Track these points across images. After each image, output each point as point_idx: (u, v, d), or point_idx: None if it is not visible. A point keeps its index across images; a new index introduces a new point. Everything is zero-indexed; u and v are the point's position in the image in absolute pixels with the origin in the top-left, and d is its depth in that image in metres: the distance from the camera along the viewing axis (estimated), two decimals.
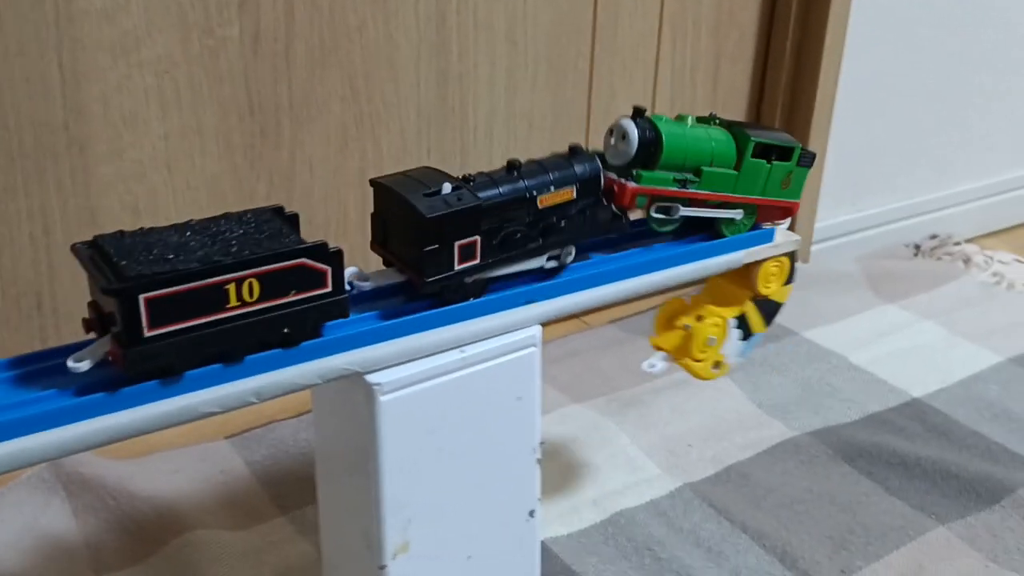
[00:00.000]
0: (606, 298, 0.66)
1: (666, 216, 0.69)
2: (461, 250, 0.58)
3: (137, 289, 0.47)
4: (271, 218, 0.55)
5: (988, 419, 1.00)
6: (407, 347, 0.58)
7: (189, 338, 0.49)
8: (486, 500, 0.65)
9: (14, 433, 0.47)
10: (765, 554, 0.80)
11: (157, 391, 0.50)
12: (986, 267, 1.34)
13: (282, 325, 0.53)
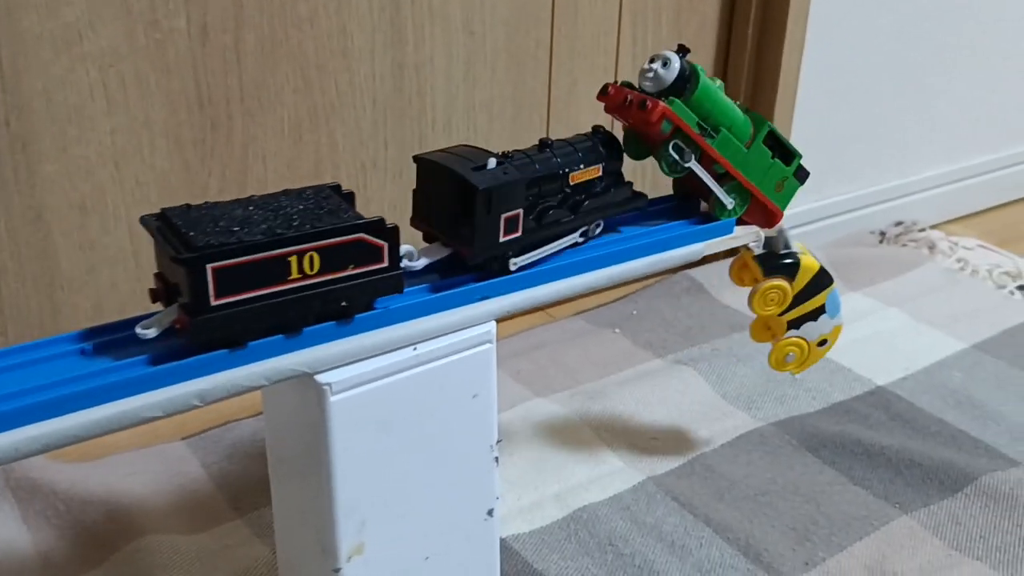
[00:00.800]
0: (561, 293, 0.65)
1: (679, 158, 0.68)
2: (507, 223, 0.61)
3: (205, 259, 0.49)
4: (329, 195, 0.57)
5: (952, 406, 1.00)
6: (357, 346, 0.57)
7: (252, 309, 0.52)
8: (443, 500, 0.64)
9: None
10: (728, 547, 0.80)
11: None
12: (951, 253, 1.34)
13: (340, 298, 0.55)
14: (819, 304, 0.84)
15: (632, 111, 0.68)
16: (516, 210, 0.61)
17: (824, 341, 0.85)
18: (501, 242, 0.61)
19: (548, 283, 0.64)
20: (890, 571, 0.78)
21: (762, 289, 0.80)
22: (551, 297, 0.65)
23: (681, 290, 1.22)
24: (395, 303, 0.58)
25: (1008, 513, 0.84)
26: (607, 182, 0.67)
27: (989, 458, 0.91)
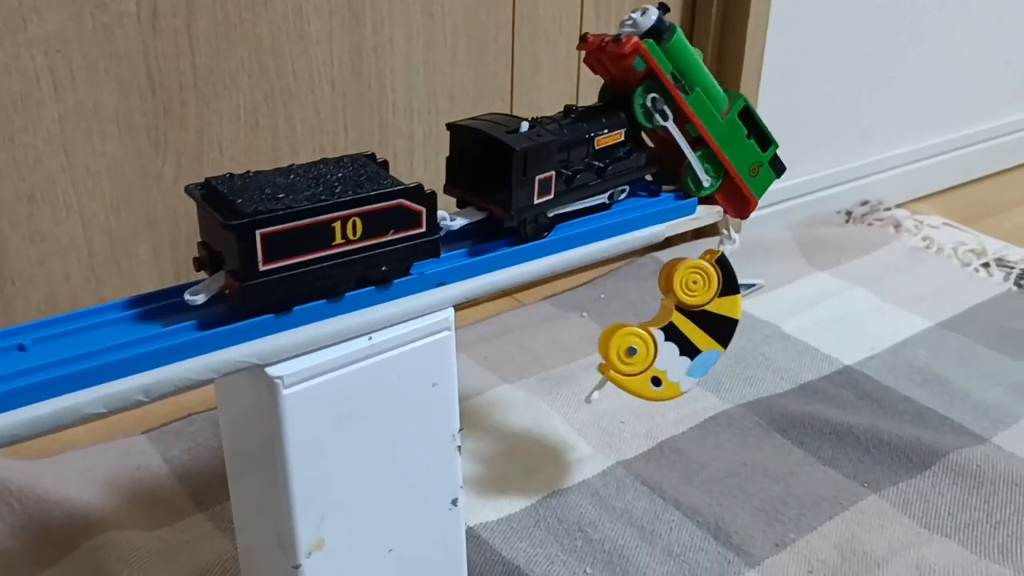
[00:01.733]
0: (520, 277, 0.64)
1: (651, 106, 0.67)
2: (540, 185, 0.62)
3: (255, 225, 0.50)
4: (366, 162, 0.58)
5: (918, 384, 1.00)
6: (310, 336, 0.55)
7: (297, 274, 0.53)
8: (405, 491, 0.62)
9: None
10: (698, 530, 0.79)
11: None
12: (916, 232, 1.34)
13: (380, 263, 0.56)
14: (699, 344, 0.76)
15: (606, 49, 0.66)
16: (549, 172, 0.62)
17: (658, 382, 0.75)
18: (535, 204, 0.62)
19: (506, 268, 0.63)
20: (860, 550, 0.78)
21: (696, 265, 0.74)
22: (509, 282, 0.63)
23: (648, 272, 1.21)
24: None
25: (975, 490, 0.84)
26: (629, 147, 0.68)
27: (956, 435, 0.91)
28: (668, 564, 0.75)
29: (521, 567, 0.74)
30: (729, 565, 0.75)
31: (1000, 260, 1.26)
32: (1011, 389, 0.99)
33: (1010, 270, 1.24)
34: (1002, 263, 1.25)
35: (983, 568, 0.76)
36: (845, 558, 0.77)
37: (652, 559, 0.76)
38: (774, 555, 0.77)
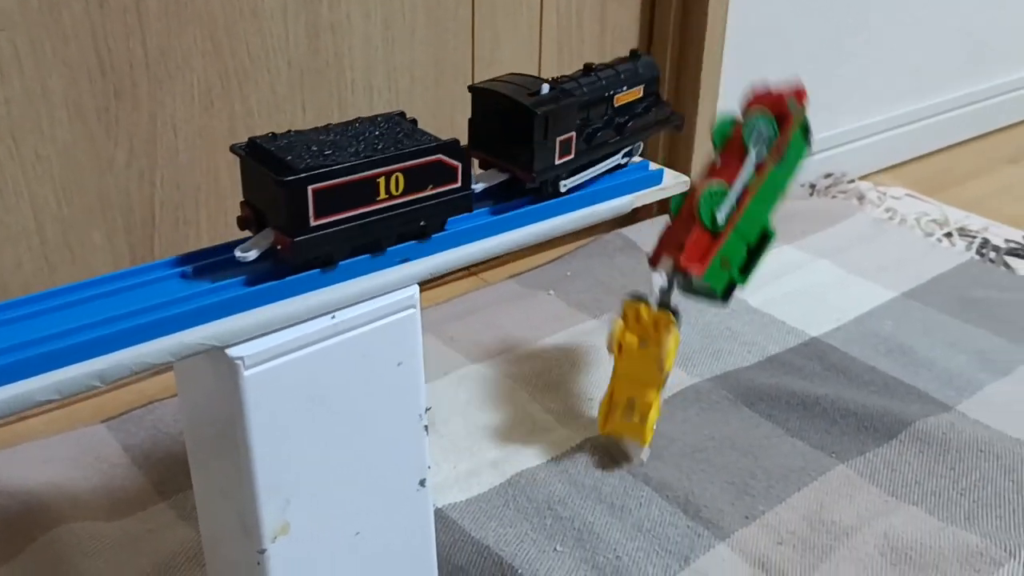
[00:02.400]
0: (486, 252, 0.63)
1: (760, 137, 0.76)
2: (561, 146, 0.63)
3: (307, 180, 0.51)
4: (400, 120, 0.59)
5: (883, 354, 1.00)
6: (270, 316, 0.54)
7: (345, 229, 0.54)
8: (372, 473, 0.61)
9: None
10: (668, 505, 0.79)
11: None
12: (879, 203, 1.35)
13: (420, 218, 0.58)
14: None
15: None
16: (569, 133, 0.63)
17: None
18: (557, 164, 0.63)
19: (472, 243, 0.62)
20: (828, 520, 0.78)
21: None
22: (475, 257, 0.62)
23: (615, 249, 1.20)
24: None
25: (941, 457, 0.85)
26: (647, 103, 0.70)
27: (921, 404, 0.92)
28: (638, 539, 0.75)
29: (491, 547, 0.73)
30: (699, 538, 0.75)
31: (962, 230, 1.27)
32: (974, 357, 1.00)
33: (972, 239, 1.25)
34: (964, 232, 1.26)
35: (950, 534, 0.76)
36: (814, 528, 0.77)
37: (622, 535, 0.75)
38: (744, 527, 0.77)
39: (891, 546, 0.75)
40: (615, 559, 0.73)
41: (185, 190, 0.92)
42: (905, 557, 0.74)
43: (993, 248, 1.22)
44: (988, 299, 1.11)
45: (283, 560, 0.58)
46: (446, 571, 0.71)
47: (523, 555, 0.72)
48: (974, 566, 0.73)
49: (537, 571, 0.71)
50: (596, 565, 0.72)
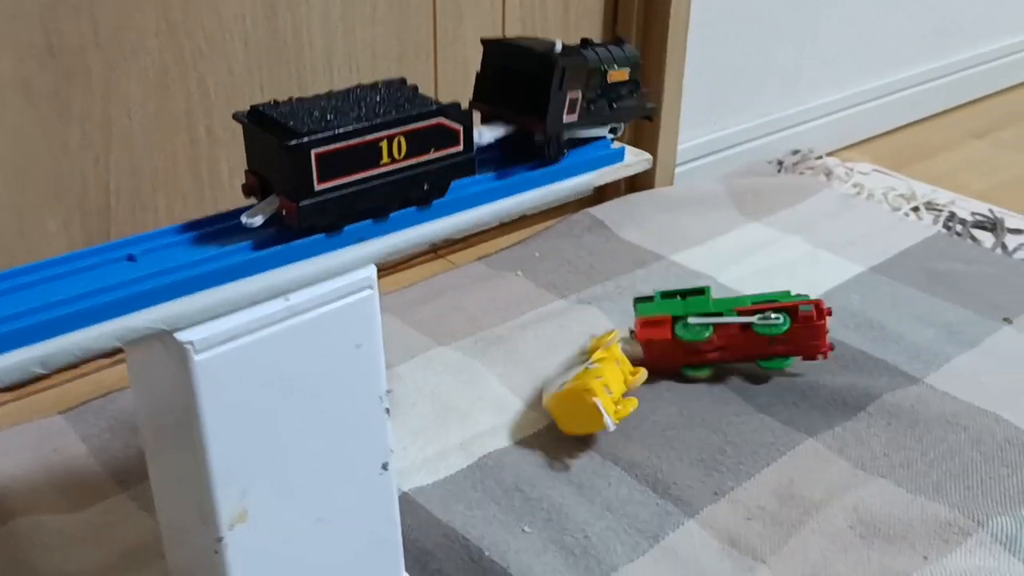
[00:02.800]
0: (446, 230, 0.62)
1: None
2: (570, 103, 0.64)
3: (310, 145, 0.52)
4: (400, 86, 0.60)
5: (851, 328, 1.00)
6: (221, 299, 0.52)
7: (348, 194, 0.55)
8: (332, 457, 0.60)
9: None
10: (637, 484, 0.78)
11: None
12: (847, 179, 1.35)
13: (423, 182, 0.58)
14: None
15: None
16: (577, 91, 0.64)
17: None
18: (564, 122, 0.64)
19: (431, 221, 0.61)
20: (798, 495, 0.78)
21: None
22: (435, 235, 0.61)
23: (582, 229, 1.19)
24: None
25: (910, 430, 0.85)
26: (631, 87, 0.70)
27: (890, 377, 0.92)
28: (607, 519, 0.74)
29: (457, 530, 0.72)
30: (668, 516, 0.75)
31: (929, 204, 1.27)
32: (942, 330, 1.00)
33: (939, 213, 1.25)
34: (931, 206, 1.27)
35: (919, 506, 0.76)
36: (783, 503, 0.77)
37: (591, 515, 0.75)
38: (713, 504, 0.76)
39: (860, 519, 0.75)
40: (584, 539, 0.72)
41: (142, 175, 0.90)
42: (874, 529, 0.74)
43: (960, 221, 1.23)
44: (955, 272, 1.11)
45: (242, 548, 0.57)
46: (412, 555, 0.70)
47: (491, 537, 0.72)
48: (943, 536, 0.73)
49: (505, 552, 0.70)
50: (564, 545, 0.72)
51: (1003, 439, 0.84)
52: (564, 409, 0.81)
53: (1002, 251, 1.16)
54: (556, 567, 0.70)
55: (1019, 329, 1.00)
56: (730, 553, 0.72)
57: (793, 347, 0.90)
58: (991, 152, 1.51)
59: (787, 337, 0.89)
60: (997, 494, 0.78)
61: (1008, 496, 0.78)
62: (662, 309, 0.92)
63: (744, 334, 0.89)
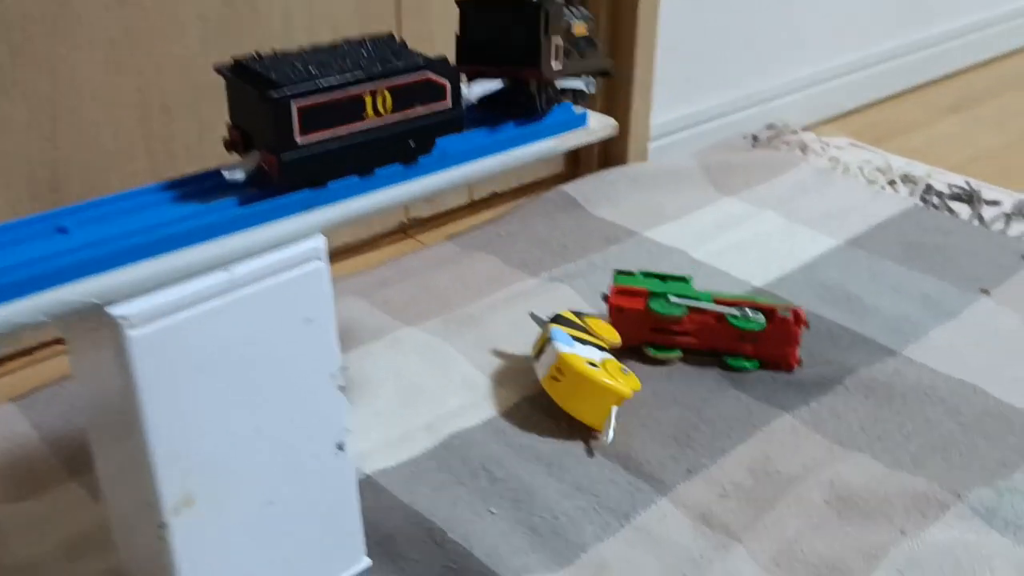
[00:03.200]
0: (399, 197, 0.59)
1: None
2: (556, 50, 0.64)
3: (293, 97, 0.51)
4: (388, 40, 0.59)
5: (828, 302, 0.98)
6: (157, 270, 0.50)
7: (332, 149, 0.54)
8: (283, 438, 0.58)
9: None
10: (608, 461, 0.76)
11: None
12: (823, 153, 1.32)
13: (408, 137, 0.57)
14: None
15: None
16: (559, 37, 0.65)
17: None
18: (554, 69, 0.65)
19: (384, 188, 0.58)
20: (773, 470, 0.76)
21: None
22: (389, 201, 0.58)
23: (554, 207, 1.17)
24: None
25: (887, 403, 0.83)
26: (589, 43, 0.71)
27: (867, 350, 0.90)
28: (576, 498, 0.72)
29: (421, 512, 0.70)
30: (639, 494, 0.73)
31: (906, 176, 1.25)
32: (920, 302, 0.98)
33: (915, 186, 1.23)
34: (908, 179, 1.25)
35: (897, 480, 0.74)
36: (758, 479, 0.75)
37: (559, 494, 0.72)
38: (686, 481, 0.74)
39: (837, 494, 0.73)
40: (552, 519, 0.70)
41: (92, 153, 0.87)
42: (851, 504, 0.72)
43: (936, 194, 1.21)
44: (932, 244, 1.09)
45: (188, 534, 0.55)
46: (374, 539, 0.67)
47: (455, 519, 0.69)
48: (921, 510, 0.71)
49: (469, 535, 0.68)
50: (532, 526, 0.69)
51: (981, 410, 0.82)
52: (579, 390, 0.78)
53: (979, 222, 1.15)
54: (522, 548, 0.67)
55: (997, 300, 0.99)
56: (703, 531, 0.70)
57: (763, 349, 0.87)
58: (967, 126, 1.50)
59: (759, 337, 0.87)
60: (976, 466, 0.76)
61: (987, 467, 0.76)
62: (641, 284, 0.90)
63: (717, 325, 0.87)
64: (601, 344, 0.83)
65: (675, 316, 0.86)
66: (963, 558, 0.67)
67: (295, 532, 0.60)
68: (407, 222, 1.14)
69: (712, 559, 0.67)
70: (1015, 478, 0.75)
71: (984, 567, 0.66)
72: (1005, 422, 0.81)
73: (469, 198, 1.19)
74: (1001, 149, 1.41)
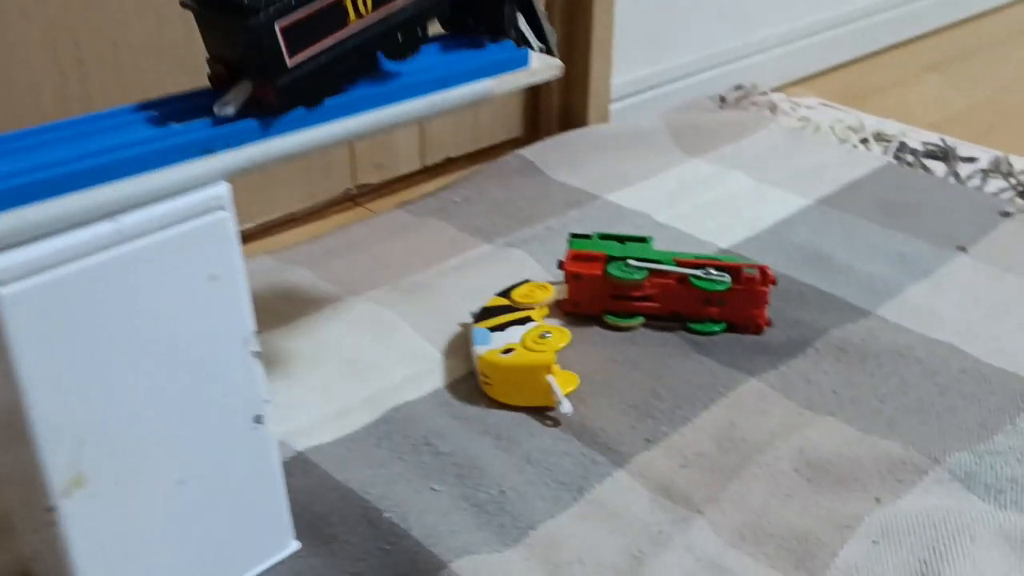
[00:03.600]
0: (316, 140, 0.53)
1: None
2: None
3: (273, 18, 0.49)
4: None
5: (798, 263, 0.93)
6: (31, 219, 0.44)
7: (324, 62, 0.52)
8: (191, 411, 0.52)
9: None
10: (561, 433, 0.71)
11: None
12: (792, 113, 1.27)
13: (396, 33, 0.56)
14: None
15: None
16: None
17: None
18: (517, 25, 0.66)
19: (301, 129, 0.52)
20: (738, 438, 0.70)
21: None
22: (303, 146, 0.53)
23: (512, 171, 1.11)
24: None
25: (860, 365, 0.78)
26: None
27: (838, 311, 0.85)
28: (527, 472, 0.67)
29: (356, 491, 0.64)
30: (595, 466, 0.67)
31: (879, 135, 1.20)
32: (895, 260, 0.93)
33: (888, 144, 1.18)
34: (880, 137, 1.20)
35: (870, 444, 0.69)
36: (723, 448, 0.70)
37: (509, 468, 0.67)
38: (645, 451, 0.69)
39: (807, 461, 0.68)
40: (499, 494, 0.65)
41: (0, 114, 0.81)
42: (822, 471, 0.67)
43: (911, 151, 1.16)
44: (907, 202, 1.04)
45: (81, 518, 0.49)
46: (304, 520, 0.62)
47: (393, 497, 0.64)
48: (896, 475, 0.67)
49: (407, 513, 0.62)
50: (477, 503, 0.64)
51: (959, 370, 0.78)
52: (507, 382, 0.73)
53: (955, 180, 1.10)
54: (465, 527, 0.62)
55: (974, 257, 0.94)
56: (663, 503, 0.65)
57: (729, 311, 0.82)
58: (944, 87, 1.45)
59: (725, 298, 0.81)
60: (953, 428, 0.72)
61: (966, 430, 0.71)
62: (598, 248, 0.84)
63: (679, 287, 0.82)
64: (527, 316, 0.77)
65: (635, 281, 0.81)
66: (942, 525, 0.62)
67: (211, 515, 0.55)
68: (355, 189, 1.08)
69: (672, 533, 0.62)
70: (995, 440, 0.70)
71: (964, 534, 0.61)
72: (984, 383, 0.76)
73: (422, 164, 1.13)
74: (979, 107, 1.36)
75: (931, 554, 0.60)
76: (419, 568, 0.59)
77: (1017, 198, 1.05)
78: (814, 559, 0.61)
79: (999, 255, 0.94)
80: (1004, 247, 0.95)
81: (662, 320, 0.83)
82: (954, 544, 0.61)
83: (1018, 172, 1.10)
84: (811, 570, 0.60)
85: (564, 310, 0.84)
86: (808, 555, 0.61)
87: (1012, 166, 1.11)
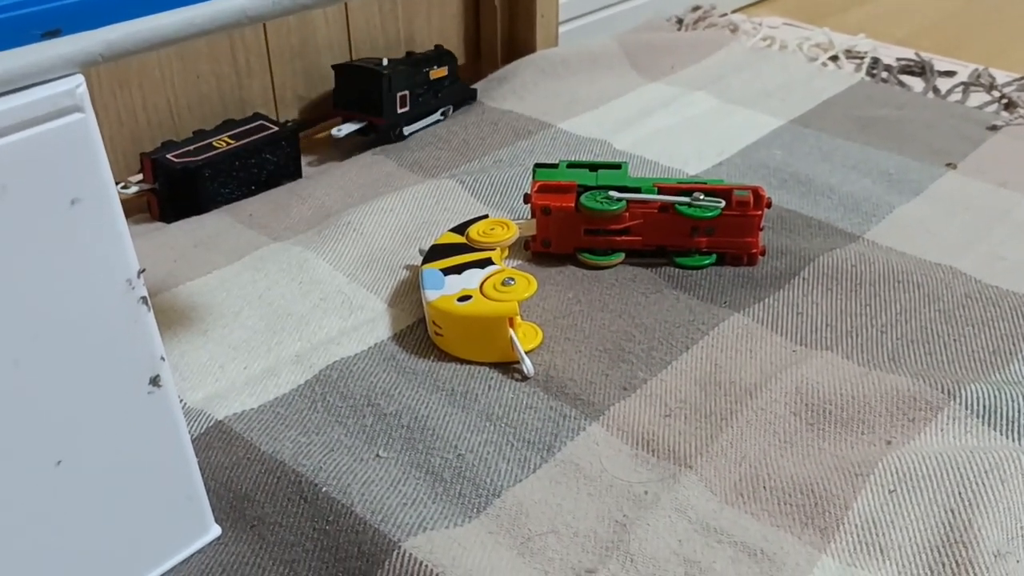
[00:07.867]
0: (191, 22, 0.42)
1: None
2: (400, 100, 0.89)
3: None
4: None
5: (776, 186, 0.84)
6: None
7: None
8: (63, 374, 0.41)
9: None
10: (524, 385, 0.61)
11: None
12: (755, 33, 1.18)
13: None
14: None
15: None
16: (404, 91, 0.90)
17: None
18: (398, 113, 0.91)
19: (172, 9, 0.41)
20: (725, 380, 0.62)
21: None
22: (177, 29, 0.42)
23: None
24: None
25: (854, 293, 0.70)
26: (450, 80, 0.95)
27: (824, 236, 0.76)
28: (487, 431, 0.57)
29: (287, 463, 0.54)
30: (565, 420, 0.58)
31: (849, 52, 1.12)
32: (880, 179, 0.85)
33: (860, 61, 1.09)
34: (852, 55, 1.11)
35: (875, 379, 0.61)
36: (708, 393, 0.61)
37: (465, 427, 0.57)
38: (621, 401, 0.60)
39: (805, 402, 0.60)
40: (456, 458, 0.55)
41: None
42: (823, 413, 0.59)
43: (885, 68, 1.07)
44: (887, 118, 0.96)
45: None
46: (226, 501, 0.52)
47: (331, 467, 0.54)
48: (907, 414, 0.58)
49: (348, 486, 0.52)
50: (431, 469, 0.54)
51: (963, 294, 0.69)
52: (463, 334, 0.63)
53: (935, 95, 1.02)
54: (418, 498, 0.52)
55: (964, 173, 0.86)
56: (646, 459, 0.56)
57: (719, 241, 0.73)
58: (904, 2, 1.37)
59: (714, 226, 0.72)
60: (965, 358, 0.64)
61: (978, 360, 0.63)
62: (567, 177, 0.74)
63: (663, 217, 0.72)
64: (488, 258, 0.67)
65: (613, 212, 0.71)
66: (966, 468, 0.54)
67: (102, 501, 0.44)
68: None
69: (659, 493, 0.53)
70: (1012, 369, 0.62)
71: (992, 475, 0.53)
72: (992, 306, 0.68)
73: None
74: (945, 21, 1.28)
75: (958, 501, 0.52)
76: (364, 550, 0.49)
77: (1003, 111, 0.97)
78: (824, 514, 0.52)
79: (992, 169, 0.86)
80: (995, 160, 0.88)
81: (645, 256, 0.74)
82: (982, 488, 0.52)
83: (1001, 85, 1.02)
84: (822, 527, 0.51)
85: (533, 250, 0.74)
86: (817, 510, 0.52)
87: (994, 79, 1.03)
